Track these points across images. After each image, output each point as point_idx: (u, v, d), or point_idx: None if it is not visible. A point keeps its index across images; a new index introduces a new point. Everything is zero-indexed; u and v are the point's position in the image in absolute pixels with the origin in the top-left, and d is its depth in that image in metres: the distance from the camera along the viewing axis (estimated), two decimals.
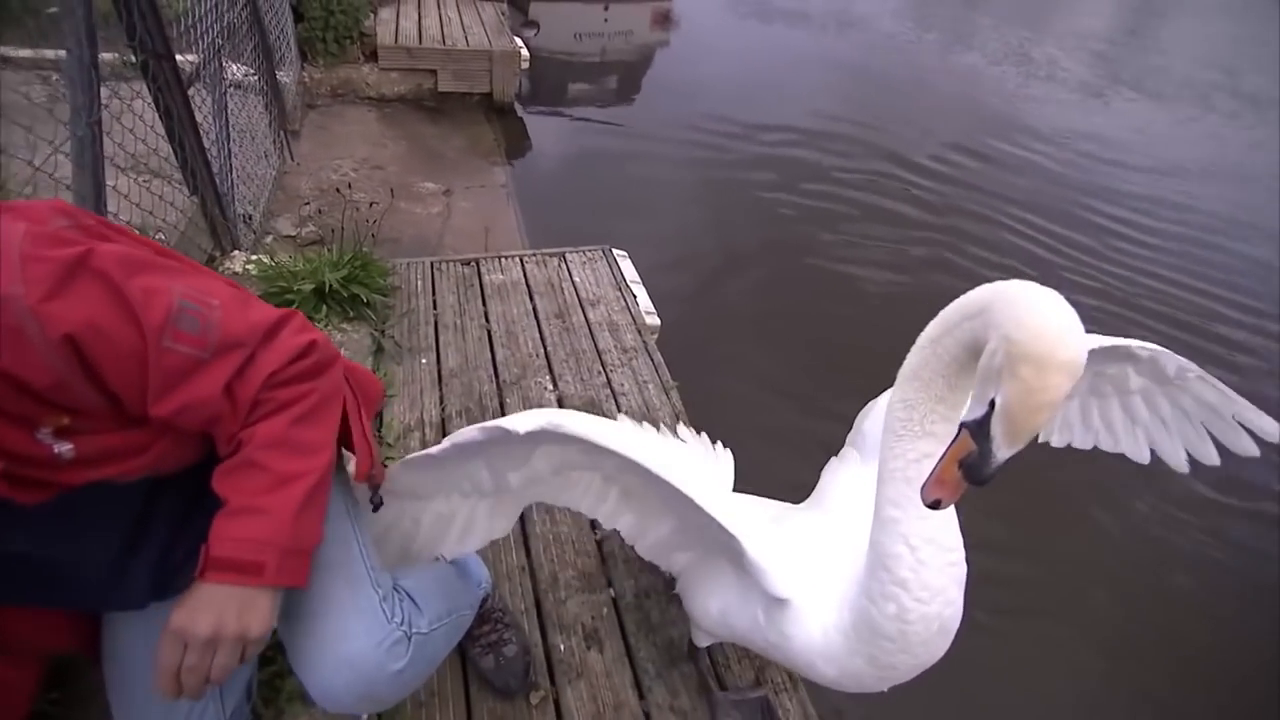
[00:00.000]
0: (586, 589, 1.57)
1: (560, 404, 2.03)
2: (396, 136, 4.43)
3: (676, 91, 6.44)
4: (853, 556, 0.98)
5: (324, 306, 2.16)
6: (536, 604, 1.53)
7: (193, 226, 2.26)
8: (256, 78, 3.24)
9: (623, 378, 2.16)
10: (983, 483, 0.68)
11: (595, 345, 2.27)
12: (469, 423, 1.90)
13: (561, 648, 1.46)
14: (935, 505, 0.74)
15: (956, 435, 0.72)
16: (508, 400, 2.02)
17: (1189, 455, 1.31)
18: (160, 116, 2.06)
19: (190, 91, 2.11)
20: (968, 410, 0.72)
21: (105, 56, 1.62)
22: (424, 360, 2.11)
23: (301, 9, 4.52)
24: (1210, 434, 1.27)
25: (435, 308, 2.33)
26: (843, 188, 4.87)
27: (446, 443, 1.03)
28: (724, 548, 1.08)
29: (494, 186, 4.05)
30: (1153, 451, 1.34)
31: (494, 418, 1.90)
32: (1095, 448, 1.37)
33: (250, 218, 2.68)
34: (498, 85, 4.92)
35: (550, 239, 3.28)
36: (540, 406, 2.01)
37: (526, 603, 1.52)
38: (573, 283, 2.54)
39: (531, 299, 2.44)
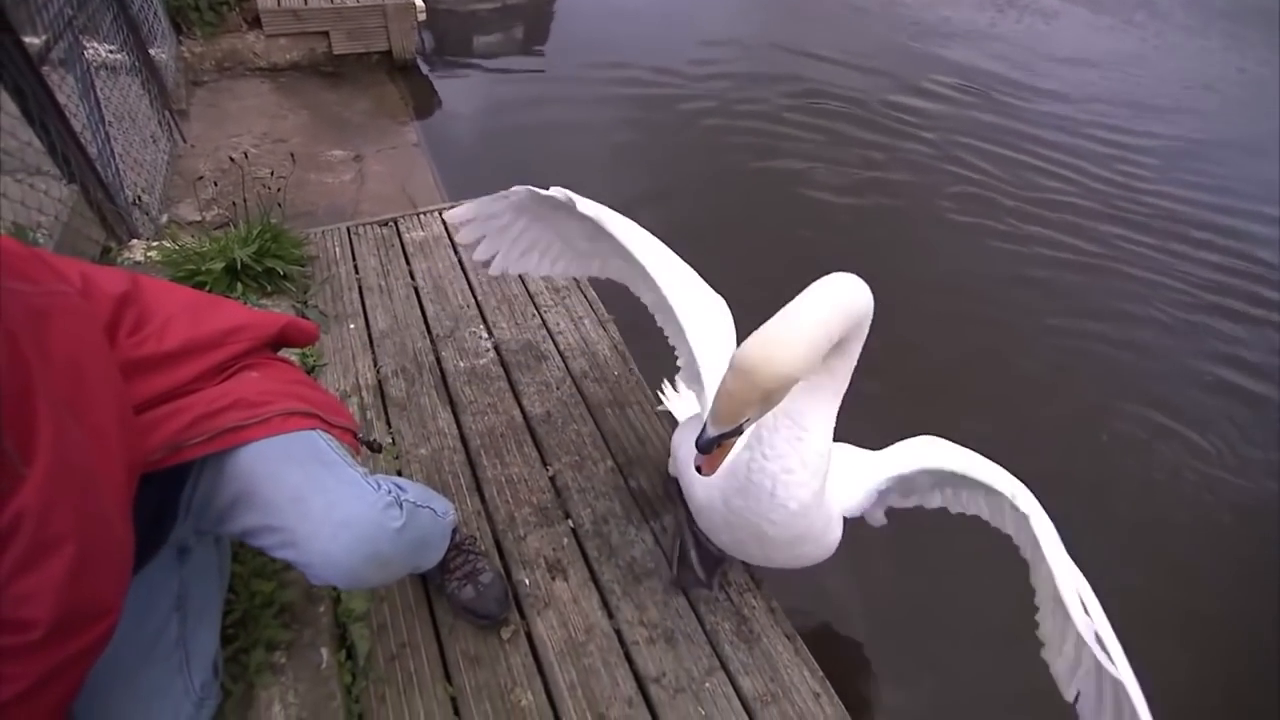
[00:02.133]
0: (544, 524, 1.58)
1: (497, 350, 2.01)
2: (296, 106, 4.19)
3: (588, 34, 6.22)
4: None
5: (239, 284, 2.06)
6: (496, 545, 1.54)
7: (78, 217, 2.11)
8: (125, 55, 2.99)
9: (558, 317, 2.14)
10: (701, 448, 0.89)
11: (526, 289, 2.23)
12: (406, 383, 1.88)
13: (527, 582, 1.48)
14: (699, 470, 0.97)
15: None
16: (443, 354, 1.98)
17: None
18: (11, 96, 1.89)
19: (46, 70, 1.94)
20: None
21: None
22: (352, 326, 2.05)
23: None
24: None
25: (358, 272, 2.25)
26: (773, 114, 4.83)
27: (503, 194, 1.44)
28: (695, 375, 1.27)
29: (406, 146, 3.89)
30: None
31: (431, 374, 1.90)
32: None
33: (144, 204, 2.52)
34: (396, 42, 4.67)
35: (472, 192, 3.19)
36: (477, 355, 1.98)
37: (486, 544, 1.53)
38: None
39: (456, 252, 2.37)
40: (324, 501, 0.97)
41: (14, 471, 0.69)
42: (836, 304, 0.87)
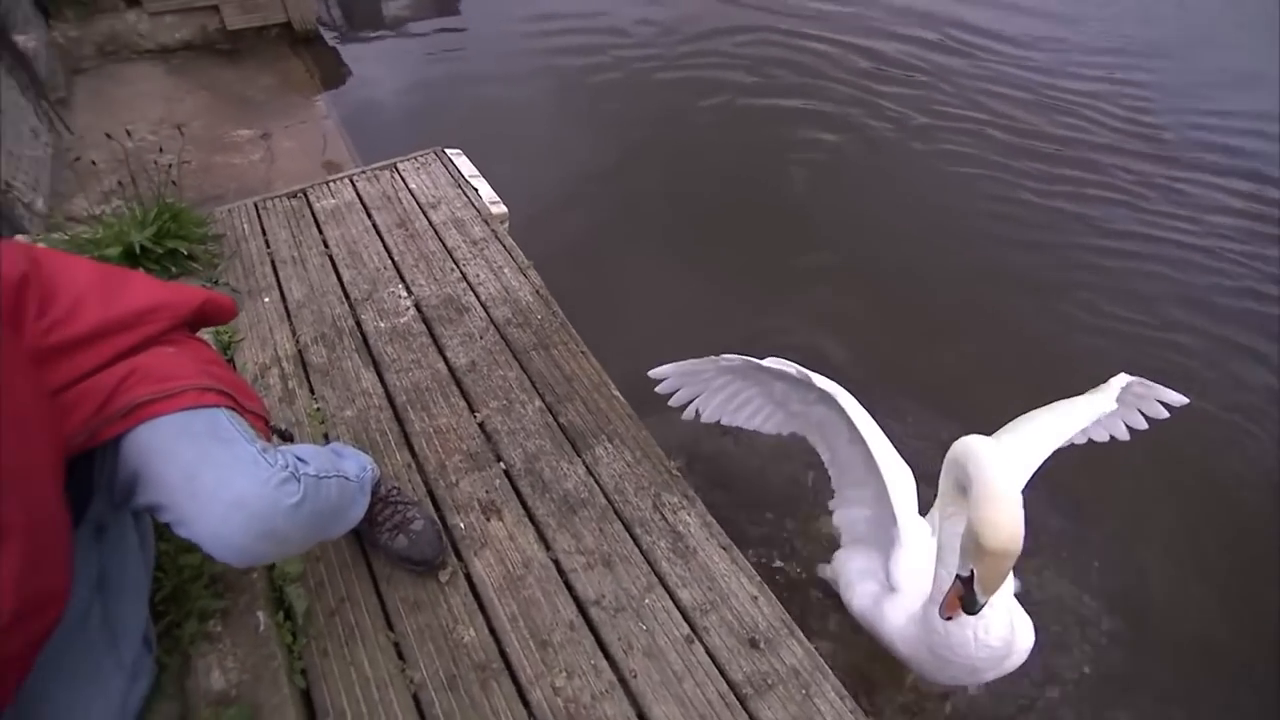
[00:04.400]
0: (476, 468, 1.59)
1: (418, 307, 1.98)
2: (193, 88, 3.99)
3: None
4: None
5: (140, 267, 1.98)
6: (430, 494, 1.54)
7: None
8: None
9: (477, 269, 2.11)
10: (974, 614, 1.11)
11: (444, 245, 2.20)
12: (326, 349, 1.85)
13: (462, 525, 1.49)
14: (948, 619, 1.18)
15: (954, 581, 1.12)
16: (362, 317, 1.95)
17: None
18: None
19: None
20: (960, 565, 1.10)
21: None
22: (267, 299, 1.99)
23: None
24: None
25: (269, 246, 2.19)
26: (701, 66, 4.71)
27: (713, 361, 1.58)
28: (885, 534, 1.46)
29: (316, 120, 3.75)
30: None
31: (352, 337, 1.87)
32: None
33: (22, 198, 2.39)
34: (294, 12, 4.45)
35: (389, 156, 3.10)
36: (397, 314, 1.95)
37: (419, 494, 1.53)
38: (409, 190, 2.43)
39: (369, 215, 2.32)
40: (214, 478, 0.95)
41: None
42: (1000, 467, 1.08)
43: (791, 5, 5.48)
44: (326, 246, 2.19)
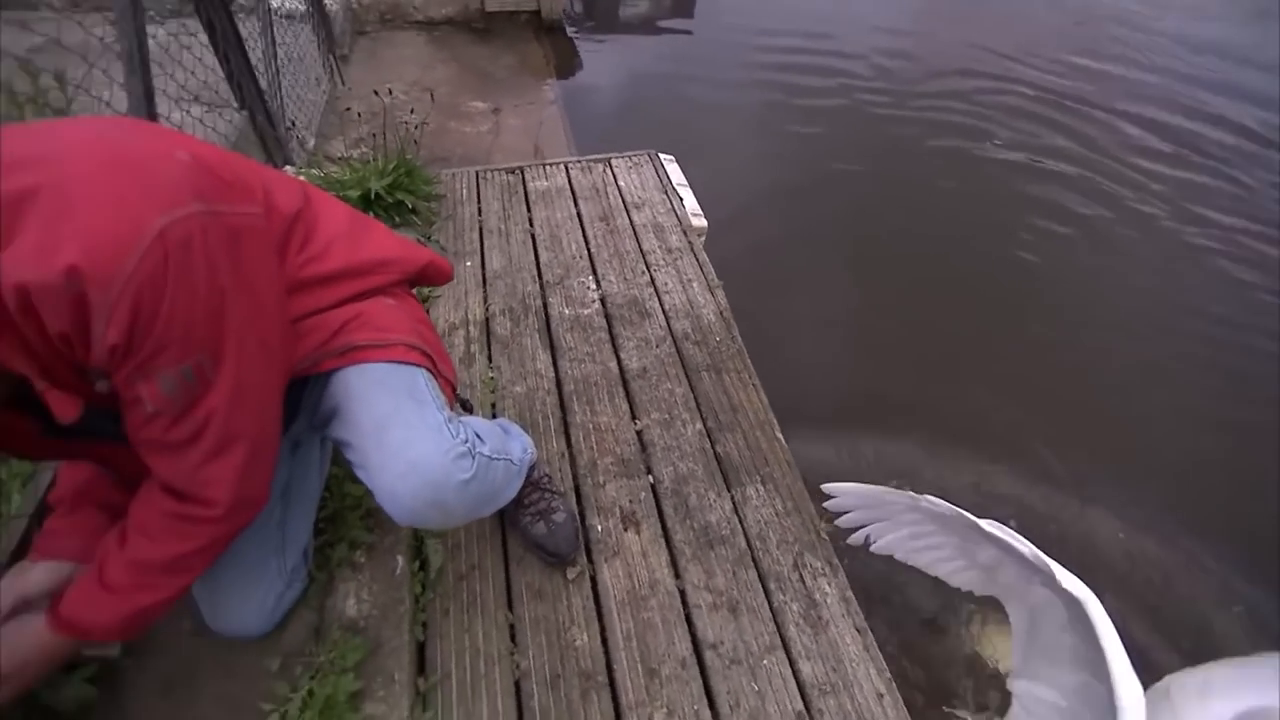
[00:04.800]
0: (624, 474, 1.57)
1: (603, 302, 2.01)
2: (446, 59, 4.38)
3: (737, 9, 6.07)
4: None
5: (371, 212, 2.18)
6: (575, 488, 1.55)
7: (244, 141, 2.31)
8: (301, 3, 3.24)
9: (666, 277, 2.11)
10: None
11: (639, 246, 2.22)
12: (511, 323, 1.92)
13: (599, 528, 1.48)
14: None
15: None
16: (550, 299, 2.01)
17: None
18: (204, 29, 2.08)
19: (235, 10, 2.13)
20: None
21: None
22: (469, 263, 2.12)
23: None
24: None
25: (480, 214, 2.33)
26: (935, 107, 4.48)
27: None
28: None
29: (543, 104, 3.97)
30: None
31: (536, 317, 1.93)
32: None
33: (299, 135, 2.72)
34: (545, 3, 4.77)
35: (600, 149, 3.21)
36: (582, 304, 1.99)
37: (565, 486, 1.54)
38: (618, 187, 2.48)
39: (576, 204, 2.40)
40: (401, 436, 0.99)
41: (206, 379, 0.79)
42: None
43: (1057, 59, 5.02)
44: (531, 225, 2.29)
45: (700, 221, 2.34)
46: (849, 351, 2.59)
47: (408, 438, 0.99)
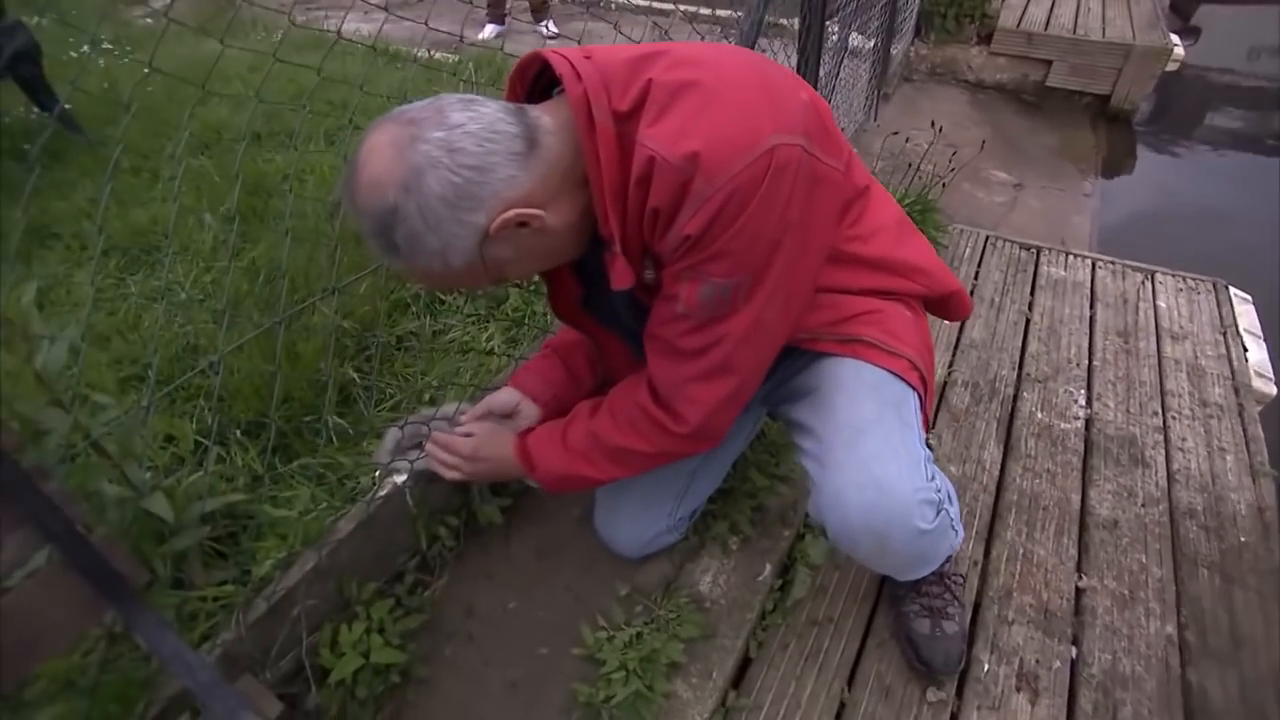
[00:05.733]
0: (1042, 628, 1.25)
1: (1088, 425, 1.65)
2: (980, 122, 4.19)
3: None
4: None
5: None
6: (975, 606, 1.29)
7: None
8: (871, 44, 3.39)
9: (1186, 431, 1.63)
10: None
11: (1160, 382, 1.76)
12: (970, 398, 1.71)
13: (986, 668, 1.20)
14: None
15: None
16: (1024, 393, 1.72)
17: None
18: (799, 32, 2.29)
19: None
20: None
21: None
22: (947, 321, 1.95)
23: None
24: None
25: (976, 279, 2.13)
26: None
27: None
28: None
29: (1075, 194, 3.51)
30: None
31: (1001, 405, 1.69)
32: None
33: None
34: (1122, 87, 4.19)
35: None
36: (1061, 415, 1.66)
37: (968, 600, 1.30)
38: (1154, 306, 2.02)
39: (1092, 306, 2.02)
40: (877, 447, 0.90)
41: (737, 302, 0.81)
42: None
43: None
44: (1030, 310, 2.01)
45: (1267, 387, 1.76)
46: None
47: (883, 453, 0.90)
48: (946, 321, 1.72)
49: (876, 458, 0.89)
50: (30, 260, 1.64)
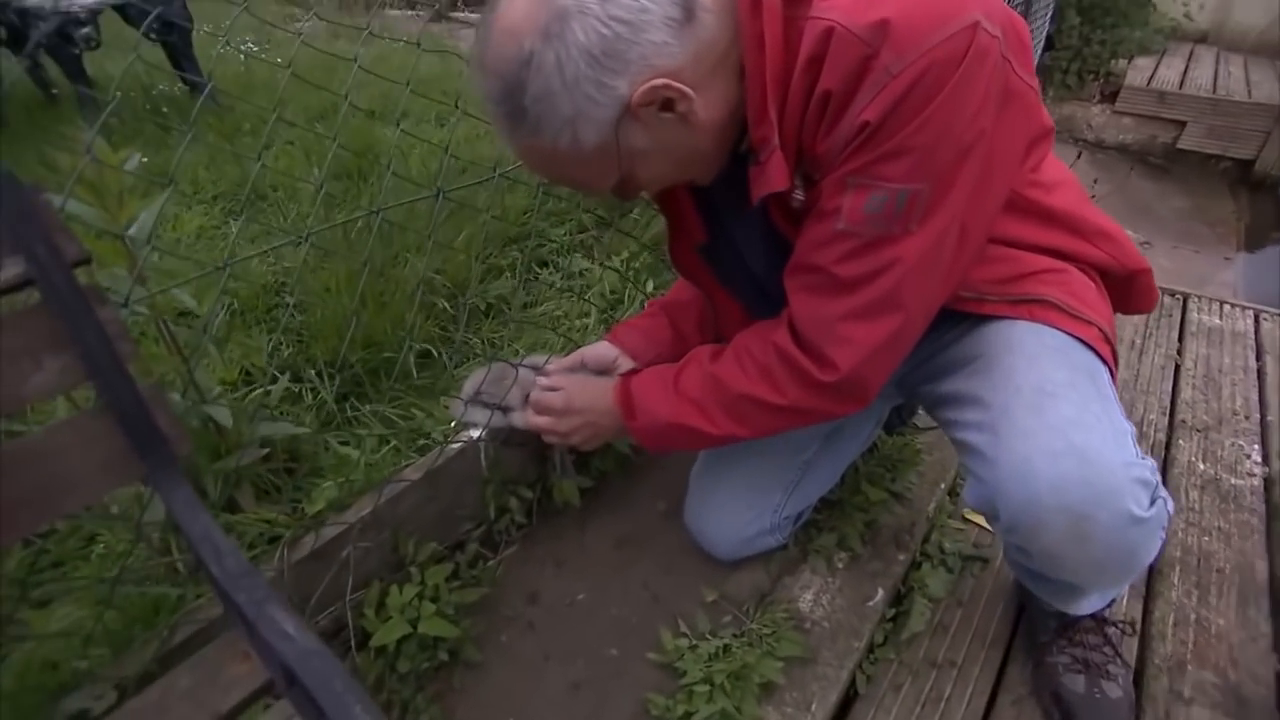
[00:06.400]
0: (1232, 714, 1.00)
1: (1266, 485, 1.39)
2: (1102, 181, 3.93)
3: None
4: None
5: None
6: (1138, 673, 1.05)
7: None
8: None
9: None
10: None
11: None
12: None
13: None
14: None
15: None
16: (1179, 441, 1.48)
17: None
18: None
19: None
20: None
21: None
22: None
23: (1056, 39, 4.35)
24: None
25: None
26: None
27: None
28: None
29: (1213, 255, 3.20)
30: None
31: (1155, 450, 1.44)
32: None
33: None
34: (1270, 151, 3.86)
35: None
36: (1231, 471, 1.41)
37: (1129, 660, 1.06)
38: None
39: (1259, 358, 1.76)
40: (1073, 413, 0.72)
41: (911, 219, 0.68)
42: None
43: None
44: (1179, 355, 1.77)
45: None
46: None
47: (1081, 419, 0.72)
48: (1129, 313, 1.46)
49: (1073, 423, 0.71)
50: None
